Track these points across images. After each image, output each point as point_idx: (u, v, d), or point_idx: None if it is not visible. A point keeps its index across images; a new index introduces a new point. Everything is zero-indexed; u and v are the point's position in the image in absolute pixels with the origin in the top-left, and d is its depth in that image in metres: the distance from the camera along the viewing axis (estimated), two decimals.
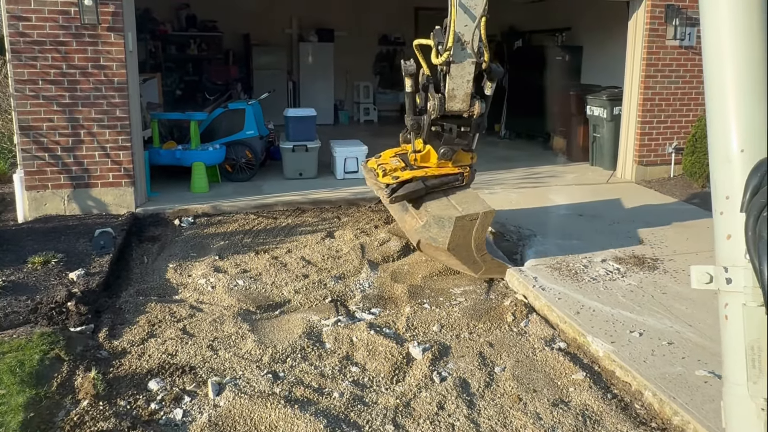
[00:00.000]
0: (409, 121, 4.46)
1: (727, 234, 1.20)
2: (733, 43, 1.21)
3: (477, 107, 4.27)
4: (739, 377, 1.16)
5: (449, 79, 4.14)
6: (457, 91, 4.18)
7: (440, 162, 4.54)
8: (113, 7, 5.70)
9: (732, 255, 1.19)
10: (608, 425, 2.91)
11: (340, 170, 7.33)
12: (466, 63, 4.08)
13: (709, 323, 3.75)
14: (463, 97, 4.21)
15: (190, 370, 3.30)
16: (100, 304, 4.07)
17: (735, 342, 1.18)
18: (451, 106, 4.25)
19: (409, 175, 4.51)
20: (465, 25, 3.99)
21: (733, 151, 1.19)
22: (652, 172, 7.63)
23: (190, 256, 5.00)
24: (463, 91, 4.19)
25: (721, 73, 1.21)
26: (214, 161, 6.89)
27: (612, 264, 4.65)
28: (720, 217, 1.22)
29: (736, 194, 1.17)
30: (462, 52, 4.03)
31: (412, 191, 4.47)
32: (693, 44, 7.50)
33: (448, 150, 4.45)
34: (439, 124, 4.38)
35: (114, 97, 5.84)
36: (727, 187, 1.20)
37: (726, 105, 1.21)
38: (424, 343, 3.62)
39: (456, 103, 4.23)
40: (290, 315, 3.99)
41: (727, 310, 1.20)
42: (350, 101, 13.42)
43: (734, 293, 1.18)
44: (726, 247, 1.20)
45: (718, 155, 1.23)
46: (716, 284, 1.21)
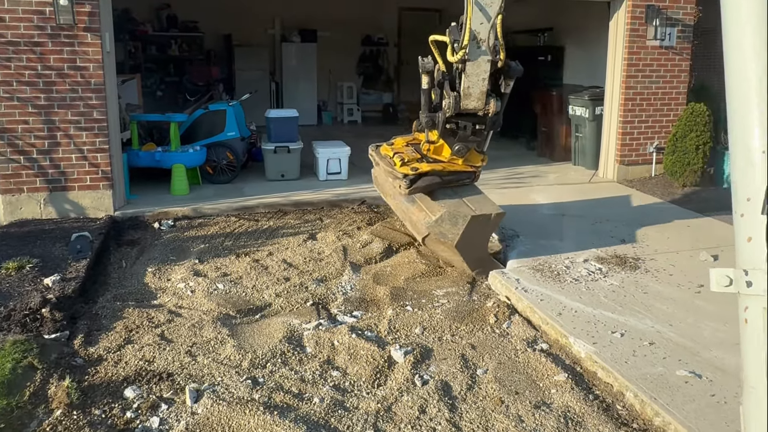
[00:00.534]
0: (424, 118, 4.43)
1: (748, 236, 1.18)
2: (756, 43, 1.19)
3: (492, 106, 4.23)
4: (759, 382, 1.13)
5: (465, 77, 4.10)
6: (472, 89, 4.14)
7: (452, 158, 4.53)
8: (89, 7, 5.60)
9: (753, 258, 1.16)
10: (590, 427, 2.90)
11: (323, 172, 7.28)
12: (481, 61, 4.04)
13: (689, 322, 3.77)
14: (479, 95, 4.17)
15: (167, 376, 3.24)
16: (76, 310, 3.98)
17: (755, 346, 1.15)
18: (466, 104, 4.20)
19: (428, 167, 4.49)
20: (481, 23, 3.94)
21: (755, 153, 1.17)
22: (634, 172, 7.68)
23: (169, 260, 4.92)
24: (479, 89, 4.15)
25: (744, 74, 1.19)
26: (194, 163, 6.80)
27: (594, 264, 4.66)
28: (741, 219, 1.20)
29: (758, 196, 1.15)
30: (477, 50, 3.99)
31: (429, 184, 4.46)
32: (673, 44, 7.56)
33: (463, 147, 4.45)
34: (454, 122, 4.35)
35: (91, 98, 5.74)
36: (749, 189, 1.18)
37: (749, 107, 1.19)
38: (406, 346, 3.58)
39: (471, 101, 4.19)
40: (271, 319, 3.94)
41: (747, 314, 1.18)
42: (333, 102, 13.37)
43: (755, 297, 1.16)
44: (747, 249, 1.18)
45: (739, 157, 1.21)
46: (736, 287, 1.18)
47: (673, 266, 4.69)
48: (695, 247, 5.11)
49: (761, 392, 1.13)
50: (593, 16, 8.34)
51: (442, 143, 4.57)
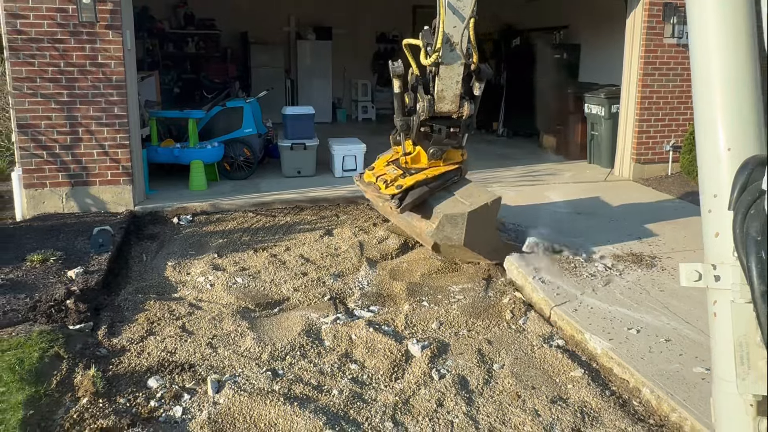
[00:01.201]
0: (399, 122, 4.48)
1: (716, 232, 1.21)
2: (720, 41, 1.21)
3: (466, 108, 4.28)
4: (728, 373, 1.17)
5: (438, 80, 4.16)
6: (446, 92, 4.19)
7: (431, 162, 4.55)
8: (111, 5, 5.69)
9: (720, 252, 1.19)
10: (606, 422, 2.92)
11: (339, 168, 7.33)
12: (455, 64, 4.08)
13: (706, 320, 3.75)
14: (452, 98, 4.22)
15: (189, 367, 3.31)
16: (99, 302, 4.06)
17: (724, 339, 1.18)
18: (441, 108, 4.25)
19: (411, 181, 4.49)
20: (454, 26, 3.99)
21: (721, 149, 1.20)
22: (650, 170, 7.65)
23: (188, 254, 5.00)
24: (452, 92, 4.19)
25: (708, 72, 1.22)
26: (212, 159, 6.89)
27: (610, 261, 4.66)
28: (708, 215, 1.23)
29: (723, 192, 1.17)
30: (451, 53, 4.05)
31: (418, 197, 4.46)
32: None
33: (438, 150, 4.47)
34: (429, 125, 4.39)
35: (112, 95, 5.83)
36: (715, 185, 1.21)
37: (713, 104, 1.21)
38: (423, 340, 3.63)
39: (445, 105, 4.24)
40: (289, 313, 4.00)
41: (715, 308, 1.21)
42: (348, 99, 13.42)
43: (722, 290, 1.19)
44: (714, 244, 1.21)
45: (705, 154, 1.24)
46: (705, 282, 1.21)
47: None
48: None
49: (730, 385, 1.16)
50: (610, 14, 8.31)
51: (419, 150, 4.57)
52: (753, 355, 1.13)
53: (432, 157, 4.51)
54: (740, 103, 1.20)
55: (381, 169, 4.91)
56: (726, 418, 1.20)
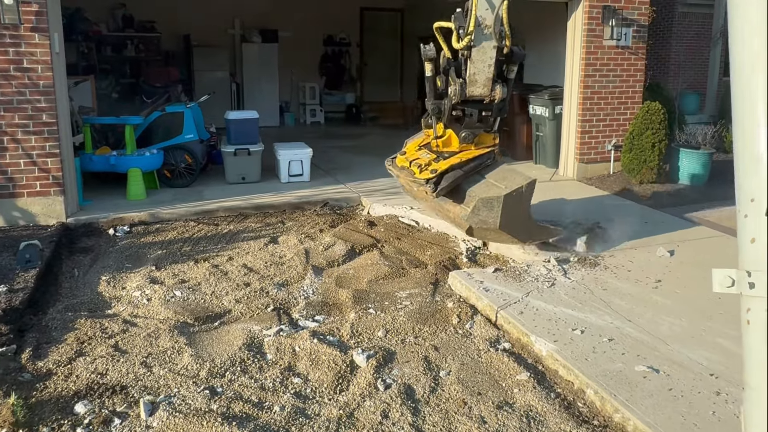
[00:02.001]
0: (430, 105, 4.43)
1: (752, 237, 1.17)
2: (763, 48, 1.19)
3: (498, 92, 4.25)
4: (760, 384, 1.12)
5: (470, 63, 4.11)
6: (478, 75, 4.14)
7: (462, 146, 4.51)
8: (36, 6, 5.39)
9: (755, 258, 1.16)
10: (552, 425, 2.90)
11: (285, 174, 7.18)
12: (487, 47, 4.03)
13: (647, 318, 3.83)
14: (485, 81, 4.17)
15: (121, 389, 3.12)
16: (24, 322, 3.81)
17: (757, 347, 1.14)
18: (472, 91, 4.21)
19: (446, 165, 4.47)
20: (486, 9, 3.94)
21: (761, 152, 1.17)
22: (593, 170, 7.81)
23: (124, 268, 4.77)
24: (485, 75, 4.14)
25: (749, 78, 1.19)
26: (151, 167, 6.62)
27: (554, 262, 4.69)
28: (744, 220, 1.19)
29: (761, 197, 1.14)
30: (483, 36, 4.00)
31: (453, 180, 4.45)
32: (629, 44, 7.71)
33: (469, 134, 4.45)
34: (460, 109, 4.36)
35: (40, 101, 5.52)
36: (753, 189, 1.17)
37: (754, 109, 1.18)
38: (369, 349, 3.54)
39: (477, 88, 4.20)
40: (230, 326, 3.84)
41: (749, 315, 1.17)
42: (296, 103, 13.25)
43: (757, 298, 1.15)
44: (750, 250, 1.17)
45: (744, 158, 1.20)
46: (738, 288, 1.18)
47: (631, 262, 4.76)
48: (652, 242, 5.20)
49: (762, 394, 1.12)
50: (552, 16, 8.45)
51: (450, 134, 4.53)
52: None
53: (464, 141, 4.47)
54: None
55: (413, 153, 4.82)
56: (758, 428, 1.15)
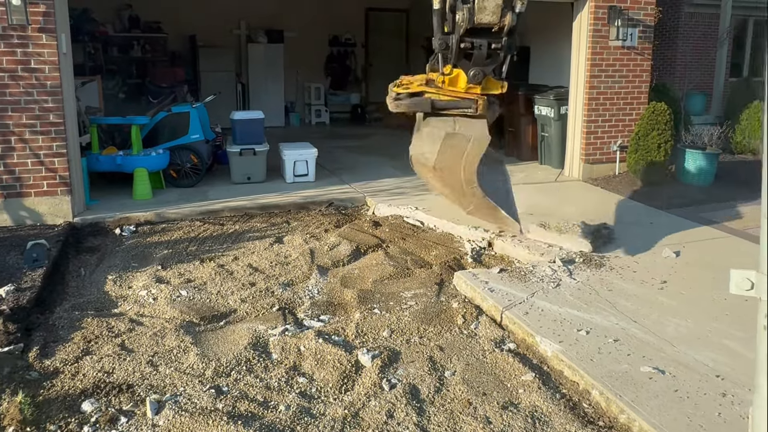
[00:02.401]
0: (437, 41, 4.30)
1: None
2: None
3: (508, 18, 4.13)
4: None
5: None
6: (487, 1, 4.05)
7: (469, 87, 4.35)
8: (44, 6, 5.42)
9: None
10: (557, 426, 2.90)
11: (290, 174, 7.20)
12: None
13: (653, 319, 3.82)
14: (494, 8, 4.08)
15: (127, 388, 3.14)
16: (31, 321, 3.84)
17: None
18: (481, 18, 4.10)
19: (419, 88, 4.41)
20: None
21: None
22: (598, 170, 7.79)
23: (131, 267, 4.79)
24: (494, 1, 4.06)
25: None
26: (157, 167, 6.65)
27: (559, 263, 4.68)
28: None
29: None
30: None
31: (416, 104, 4.39)
32: (635, 44, 7.69)
33: (479, 72, 4.30)
34: (469, 41, 4.24)
35: (47, 101, 5.55)
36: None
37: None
38: (374, 349, 3.55)
39: (486, 15, 4.09)
40: (236, 325, 3.86)
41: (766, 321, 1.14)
42: (301, 103, 13.27)
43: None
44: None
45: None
46: (757, 292, 1.14)
47: (636, 263, 4.75)
48: (658, 243, 5.19)
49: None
50: (557, 17, 8.44)
51: (458, 73, 4.38)
52: None
53: (472, 80, 4.31)
54: None
55: (408, 79, 4.73)
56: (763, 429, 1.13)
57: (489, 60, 4.34)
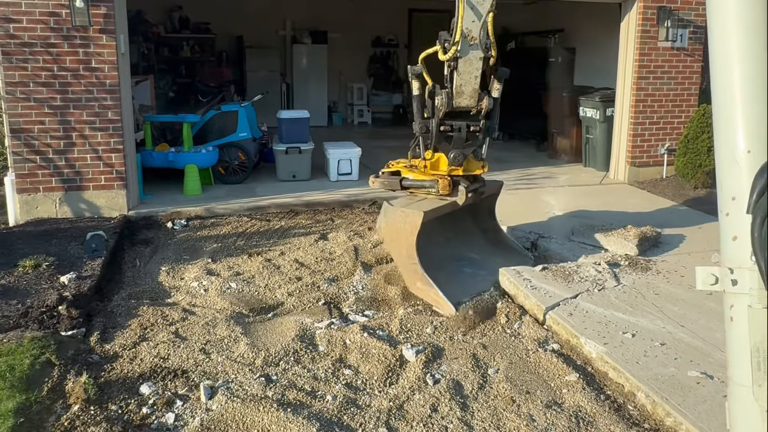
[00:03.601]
0: (417, 125, 4.38)
1: (733, 235, 1.19)
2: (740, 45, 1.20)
3: (485, 101, 4.25)
4: (744, 379, 1.15)
5: (456, 74, 4.15)
6: (465, 87, 4.18)
7: (450, 168, 4.41)
8: (105, 9, 5.68)
9: (738, 256, 1.18)
10: (601, 426, 2.91)
11: (334, 172, 7.32)
12: (473, 58, 4.09)
13: (701, 324, 3.76)
14: (471, 92, 4.20)
15: (182, 373, 3.28)
16: (92, 307, 4.04)
17: (740, 344, 1.17)
18: (459, 102, 4.23)
19: (396, 168, 4.71)
20: (472, 21, 4.00)
21: (740, 152, 1.18)
22: (645, 173, 7.65)
23: (182, 259, 4.97)
24: (471, 86, 4.18)
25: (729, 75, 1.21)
26: (206, 163, 6.86)
27: (604, 265, 4.65)
28: (726, 218, 1.21)
29: (742, 196, 1.16)
30: (470, 47, 4.05)
31: (389, 183, 4.66)
32: (685, 45, 7.54)
33: (459, 154, 4.35)
34: (448, 124, 4.33)
35: (106, 99, 5.81)
36: (734, 188, 1.19)
37: (733, 106, 1.20)
38: (417, 345, 3.61)
39: (464, 99, 4.22)
40: (283, 318, 3.98)
41: (732, 312, 1.20)
42: (344, 103, 13.42)
43: (739, 295, 1.17)
44: (732, 248, 1.20)
45: (724, 157, 1.22)
46: (721, 286, 1.20)
47: (684, 268, 4.68)
48: (706, 248, 5.09)
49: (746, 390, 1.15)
50: (604, 18, 8.33)
51: (439, 157, 4.47)
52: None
53: (453, 162, 4.37)
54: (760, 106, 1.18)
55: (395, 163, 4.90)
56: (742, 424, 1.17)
57: (468, 142, 4.43)
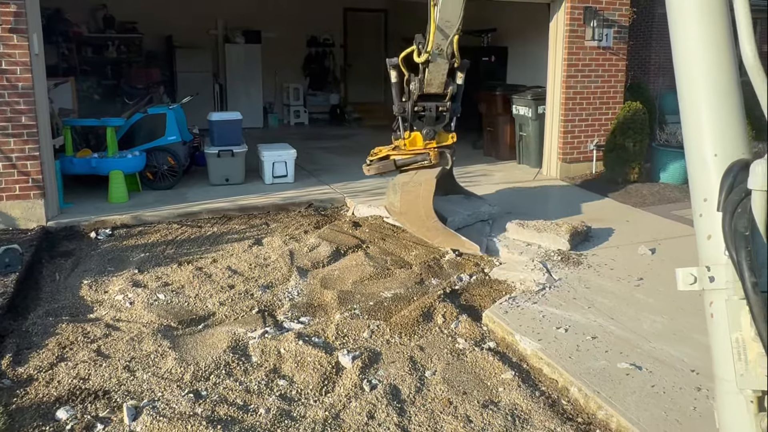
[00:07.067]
0: (396, 107, 5.35)
1: (708, 234, 1.24)
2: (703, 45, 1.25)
3: (450, 88, 5.27)
4: (728, 373, 1.19)
5: (428, 71, 5.10)
6: (433, 80, 5.17)
7: (426, 143, 5.33)
8: (15, 6, 5.31)
9: (713, 254, 1.23)
10: (536, 423, 2.92)
11: (269, 175, 7.16)
12: (441, 63, 5.04)
13: (630, 315, 3.87)
14: (438, 84, 5.20)
15: (103, 394, 3.09)
16: (4, 327, 3.75)
17: (722, 339, 1.20)
18: (429, 90, 5.22)
19: (385, 152, 5.47)
20: (441, 39, 4.90)
21: (708, 155, 1.24)
22: (576, 169, 7.87)
23: (107, 271, 4.72)
24: (438, 80, 5.17)
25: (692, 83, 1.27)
26: (133, 169, 6.56)
27: (538, 261, 4.72)
28: (700, 219, 1.26)
29: (713, 196, 1.22)
30: (438, 56, 4.99)
31: (383, 166, 5.44)
32: (610, 45, 7.79)
33: (430, 131, 5.32)
34: (421, 105, 5.30)
35: (18, 103, 5.44)
36: (705, 189, 1.25)
37: (699, 112, 1.26)
38: (354, 350, 3.54)
39: (433, 87, 5.21)
40: (214, 329, 3.82)
41: (712, 309, 1.23)
42: (280, 104, 13.19)
43: (718, 291, 1.21)
44: (707, 247, 1.24)
45: (694, 160, 1.28)
46: (700, 285, 1.24)
47: (613, 260, 4.82)
48: (634, 241, 5.27)
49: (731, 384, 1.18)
50: (534, 18, 8.51)
51: (415, 135, 5.38)
52: (749, 350, 1.16)
53: (426, 137, 5.32)
54: (724, 111, 1.24)
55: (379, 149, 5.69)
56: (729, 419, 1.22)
57: (438, 120, 5.38)
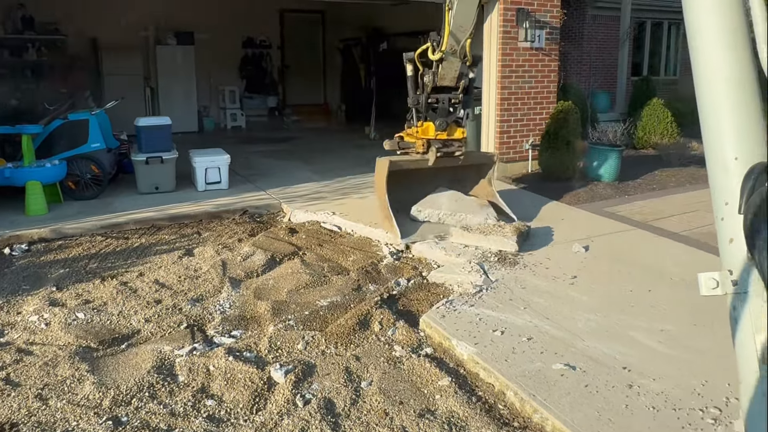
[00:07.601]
0: (411, 99, 5.61)
1: (730, 238, 1.24)
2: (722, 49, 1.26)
3: (462, 82, 5.53)
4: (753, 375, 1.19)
5: (441, 68, 5.39)
6: (446, 75, 5.45)
7: (437, 133, 5.57)
8: None
9: (736, 257, 1.23)
10: (473, 429, 2.88)
11: (201, 181, 6.90)
12: (454, 62, 5.32)
13: (564, 314, 3.90)
14: (451, 78, 5.48)
15: (11, 428, 2.84)
16: None
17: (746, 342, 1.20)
18: (442, 83, 5.48)
19: (403, 134, 5.89)
20: (455, 42, 5.14)
21: (729, 159, 1.25)
22: (513, 169, 7.97)
23: (21, 290, 4.39)
24: (451, 75, 5.46)
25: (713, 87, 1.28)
26: (52, 179, 6.17)
27: (475, 264, 4.71)
28: (722, 222, 1.26)
29: (734, 200, 1.22)
30: (452, 56, 5.25)
31: (393, 142, 5.82)
32: (542, 46, 7.93)
33: (443, 122, 5.55)
34: (434, 98, 5.54)
35: None
36: (726, 193, 1.25)
37: (720, 117, 1.26)
38: (287, 364, 3.40)
39: (446, 81, 5.48)
40: (139, 348, 3.60)
41: (735, 313, 1.22)
42: (216, 107, 12.83)
43: (741, 294, 1.21)
44: (729, 250, 1.24)
45: (715, 164, 1.28)
46: (723, 289, 1.23)
47: (549, 259, 4.86)
48: (569, 239, 5.34)
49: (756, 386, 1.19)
50: None
51: (428, 125, 5.62)
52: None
53: (438, 128, 5.55)
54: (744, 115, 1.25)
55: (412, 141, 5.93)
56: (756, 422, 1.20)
57: (451, 113, 5.61)
